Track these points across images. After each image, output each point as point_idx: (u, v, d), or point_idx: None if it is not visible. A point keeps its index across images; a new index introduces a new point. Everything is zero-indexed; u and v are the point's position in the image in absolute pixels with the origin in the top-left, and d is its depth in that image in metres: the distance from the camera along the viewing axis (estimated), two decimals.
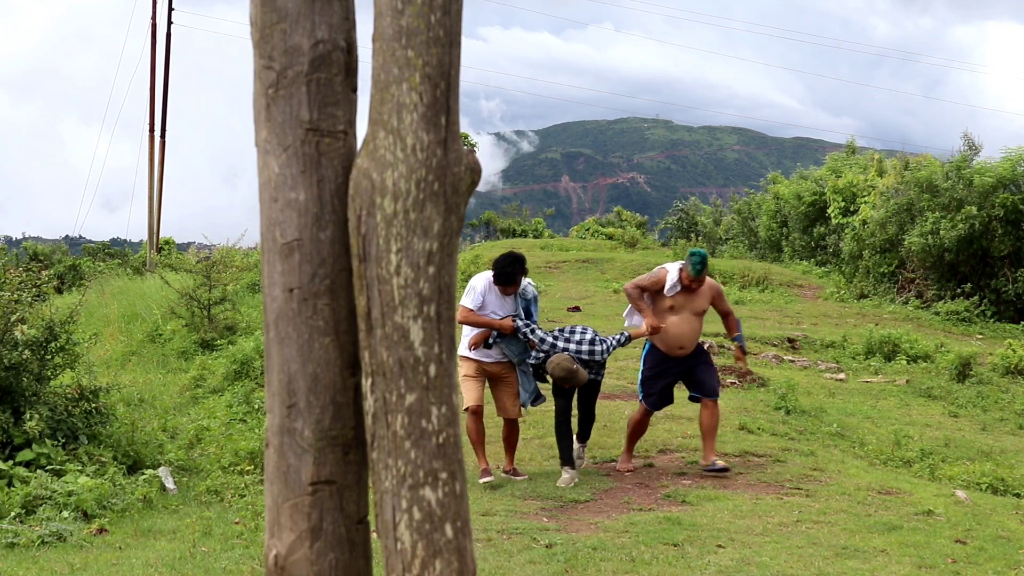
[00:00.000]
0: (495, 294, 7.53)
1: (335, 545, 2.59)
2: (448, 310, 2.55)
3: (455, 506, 2.53)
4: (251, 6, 2.61)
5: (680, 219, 40.09)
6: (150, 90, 29.49)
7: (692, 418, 9.67)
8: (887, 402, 11.94)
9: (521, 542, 6.09)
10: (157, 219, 29.48)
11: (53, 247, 36.72)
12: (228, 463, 8.37)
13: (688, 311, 7.80)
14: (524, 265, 7.47)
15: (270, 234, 2.60)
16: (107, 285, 20.44)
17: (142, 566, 5.82)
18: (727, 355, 13.54)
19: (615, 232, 32.55)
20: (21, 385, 8.11)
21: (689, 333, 7.84)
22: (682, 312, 7.79)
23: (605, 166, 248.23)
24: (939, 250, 19.92)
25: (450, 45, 2.50)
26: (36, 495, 7.10)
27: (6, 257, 25.31)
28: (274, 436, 2.61)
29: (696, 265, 7.69)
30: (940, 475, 8.77)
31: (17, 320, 8.36)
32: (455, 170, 2.53)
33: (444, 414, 2.53)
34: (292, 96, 2.55)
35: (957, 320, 18.75)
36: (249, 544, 6.22)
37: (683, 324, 7.80)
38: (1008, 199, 19.74)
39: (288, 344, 2.58)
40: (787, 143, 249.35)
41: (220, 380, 12.26)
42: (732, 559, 5.78)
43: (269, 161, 2.59)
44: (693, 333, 7.87)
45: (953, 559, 5.98)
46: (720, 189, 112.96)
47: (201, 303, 15.41)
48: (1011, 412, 11.92)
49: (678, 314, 7.79)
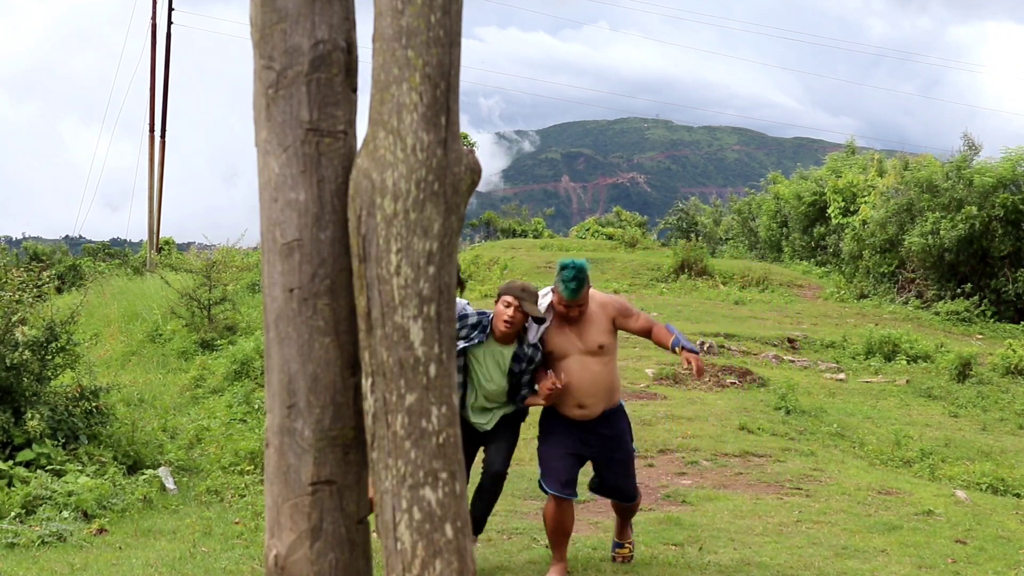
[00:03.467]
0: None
1: (335, 545, 2.59)
2: (448, 310, 2.55)
3: (455, 506, 2.53)
4: (251, 6, 2.61)
5: (680, 219, 40.07)
6: (150, 90, 29.50)
7: (692, 418, 9.67)
8: (887, 402, 11.93)
9: (521, 542, 6.08)
10: (157, 219, 29.48)
11: (53, 247, 36.70)
12: (228, 463, 8.36)
13: (578, 350, 5.27)
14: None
15: (270, 234, 2.60)
16: (107, 285, 20.44)
17: (142, 566, 5.82)
18: (727, 355, 13.53)
19: (615, 232, 32.53)
20: (22, 385, 8.10)
21: (588, 383, 5.26)
22: (570, 353, 5.27)
23: (605, 166, 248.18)
24: (939, 250, 19.91)
25: (450, 45, 2.50)
26: (36, 495, 7.10)
27: (7, 257, 25.31)
28: (274, 436, 2.61)
29: (569, 282, 5.12)
30: (940, 475, 8.77)
31: (18, 320, 8.36)
32: (455, 170, 2.53)
33: (444, 414, 2.53)
34: (292, 96, 2.55)
35: (957, 320, 18.74)
36: (249, 544, 6.22)
37: (577, 371, 5.26)
38: (1008, 199, 19.73)
39: (288, 344, 2.58)
40: (787, 143, 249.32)
41: (220, 380, 12.25)
42: (732, 559, 5.78)
43: (269, 161, 2.59)
44: (595, 383, 5.28)
45: (953, 559, 5.98)
46: (720, 189, 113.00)
47: (201, 303, 15.41)
48: (1011, 412, 11.91)
49: (566, 356, 5.28)
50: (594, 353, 5.30)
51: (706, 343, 13.66)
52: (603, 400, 5.32)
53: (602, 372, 5.32)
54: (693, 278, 21.08)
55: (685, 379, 11.79)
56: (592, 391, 5.29)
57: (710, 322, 15.67)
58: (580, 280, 5.15)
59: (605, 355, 5.33)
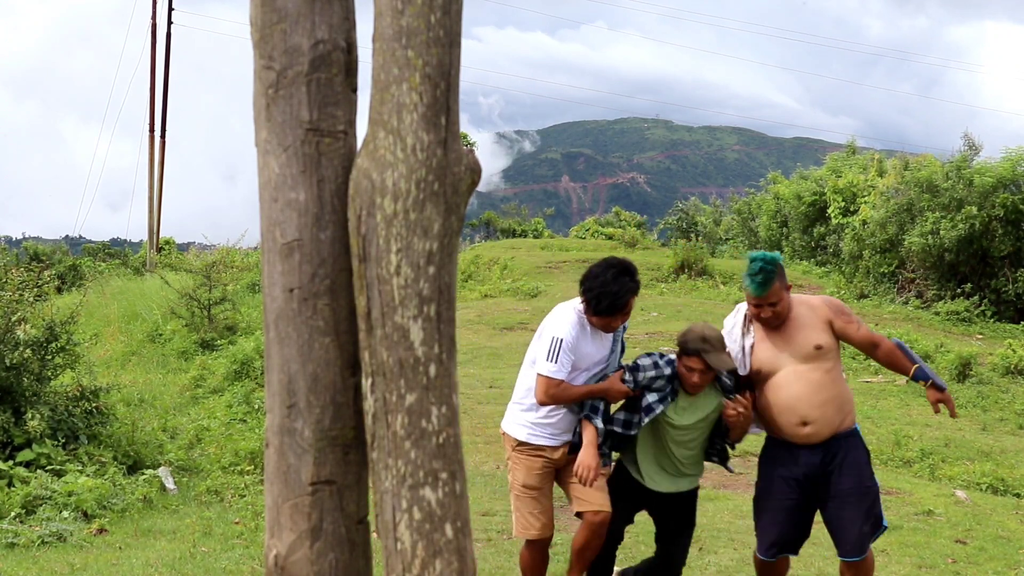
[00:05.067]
0: (589, 334, 4.68)
1: (335, 545, 2.59)
2: (448, 310, 2.55)
3: (455, 506, 2.53)
4: (251, 6, 2.61)
5: (680, 219, 40.05)
6: (150, 90, 29.50)
7: None
8: (887, 402, 11.93)
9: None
10: (157, 219, 29.49)
11: (53, 247, 36.68)
12: (228, 463, 8.36)
13: (790, 360, 4.49)
14: (636, 277, 4.66)
15: (270, 234, 2.60)
16: (107, 285, 20.43)
17: (142, 566, 5.82)
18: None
19: (615, 232, 32.51)
20: (22, 385, 8.10)
21: (810, 393, 4.45)
22: (781, 366, 4.50)
23: (605, 166, 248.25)
24: (939, 250, 19.91)
25: (450, 45, 2.50)
26: (36, 495, 7.10)
27: (7, 257, 25.31)
28: (274, 436, 2.61)
29: (754, 276, 4.45)
30: (940, 475, 8.77)
31: (19, 320, 8.36)
32: (455, 170, 2.53)
33: (444, 414, 2.53)
34: (292, 96, 2.55)
35: (957, 320, 18.74)
36: (249, 544, 6.22)
37: (792, 383, 4.48)
38: (1008, 199, 19.73)
39: (288, 344, 2.58)
40: (787, 143, 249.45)
41: (220, 380, 12.25)
42: (732, 559, 5.78)
43: (269, 161, 2.59)
44: (818, 391, 4.46)
45: (953, 559, 5.98)
46: (720, 189, 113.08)
47: (201, 303, 15.41)
48: (1011, 412, 11.91)
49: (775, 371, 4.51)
50: (810, 358, 4.47)
51: None
52: (832, 414, 4.45)
53: (824, 380, 4.46)
54: (693, 278, 21.07)
55: None
56: (816, 402, 4.43)
57: (710, 322, 15.64)
58: (768, 273, 4.40)
59: (825, 360, 4.48)
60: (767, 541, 4.58)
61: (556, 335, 4.56)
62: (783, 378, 4.46)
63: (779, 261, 4.46)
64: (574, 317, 4.62)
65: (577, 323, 4.60)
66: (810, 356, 4.46)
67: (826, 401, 4.45)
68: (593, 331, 4.64)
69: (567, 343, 4.54)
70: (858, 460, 4.49)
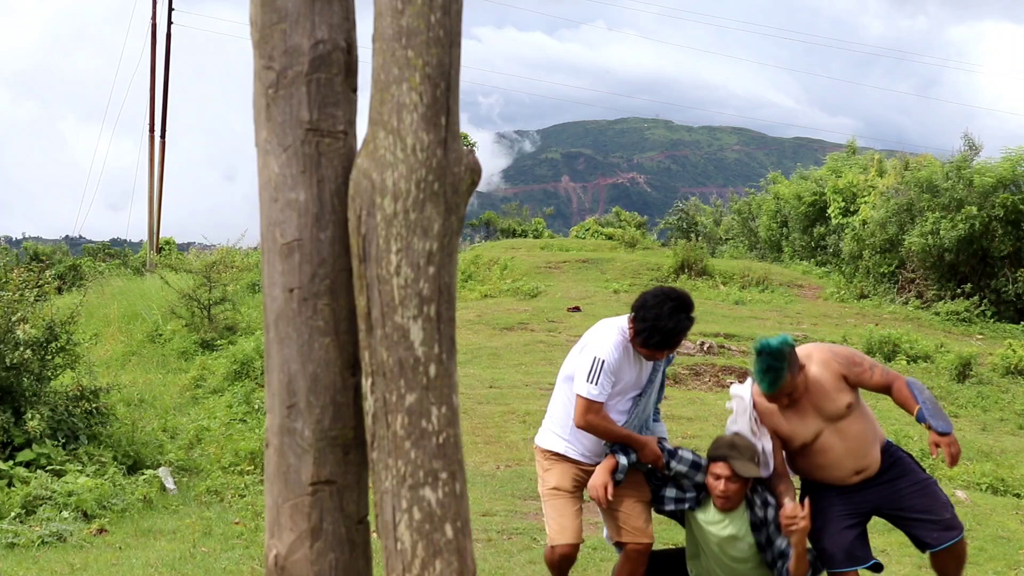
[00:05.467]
0: (631, 358, 4.53)
1: (335, 545, 2.59)
2: (448, 310, 2.55)
3: (455, 506, 2.53)
4: (251, 6, 2.61)
5: (680, 219, 40.07)
6: (150, 90, 29.50)
7: (692, 418, 9.65)
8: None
9: (521, 542, 6.09)
10: (157, 219, 29.48)
11: (53, 247, 36.70)
12: (228, 463, 8.36)
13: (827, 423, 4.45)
14: (692, 313, 4.46)
15: (270, 234, 2.60)
16: (107, 285, 20.43)
17: (142, 566, 5.82)
18: (727, 355, 13.53)
19: (615, 232, 32.52)
20: (22, 385, 8.11)
21: (857, 447, 4.49)
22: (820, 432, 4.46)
23: (605, 166, 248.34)
24: (939, 250, 19.91)
25: (450, 45, 2.50)
26: (36, 495, 7.10)
27: (7, 257, 25.31)
28: (274, 436, 2.61)
29: (763, 375, 4.26)
30: (940, 475, 8.76)
31: (19, 320, 8.36)
32: (455, 170, 2.53)
33: (444, 414, 2.53)
34: (292, 96, 2.55)
35: (957, 320, 18.74)
36: (249, 544, 6.22)
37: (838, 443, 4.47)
38: (1008, 199, 19.73)
39: (288, 344, 2.58)
40: (787, 143, 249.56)
41: (220, 380, 12.25)
42: None
43: (269, 161, 2.59)
44: (863, 441, 4.51)
45: None
46: (720, 189, 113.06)
47: (201, 303, 15.41)
48: (1011, 412, 11.91)
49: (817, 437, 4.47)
50: (843, 416, 4.43)
51: (706, 343, 13.65)
52: (877, 450, 4.54)
53: (863, 427, 4.49)
54: (693, 278, 21.07)
55: (685, 379, 11.75)
56: (864, 452, 4.48)
57: (710, 322, 15.65)
58: (776, 371, 4.19)
59: (857, 407, 4.49)
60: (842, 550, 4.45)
61: (598, 355, 4.40)
62: (826, 441, 4.45)
63: (787, 352, 4.22)
64: (619, 338, 4.46)
65: (621, 345, 4.44)
66: (843, 415, 4.44)
67: (871, 443, 4.52)
68: (635, 355, 4.49)
69: (609, 365, 4.39)
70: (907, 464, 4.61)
